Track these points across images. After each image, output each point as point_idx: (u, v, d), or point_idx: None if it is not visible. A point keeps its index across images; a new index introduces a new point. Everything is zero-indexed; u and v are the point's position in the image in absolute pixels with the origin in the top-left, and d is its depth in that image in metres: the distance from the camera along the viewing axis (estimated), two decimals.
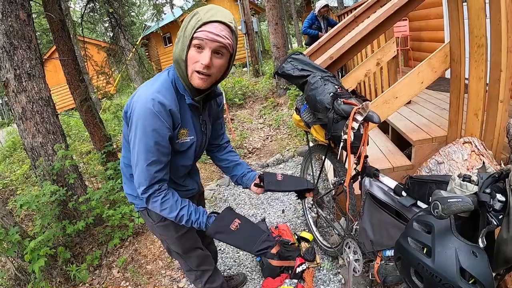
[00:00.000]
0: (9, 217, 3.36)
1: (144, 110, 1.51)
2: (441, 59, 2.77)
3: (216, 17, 1.45)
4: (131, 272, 3.37)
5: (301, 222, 3.60)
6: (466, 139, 2.54)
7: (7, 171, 7.83)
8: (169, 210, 1.68)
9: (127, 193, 2.01)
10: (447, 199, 1.14)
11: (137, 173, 1.62)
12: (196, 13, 1.48)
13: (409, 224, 1.40)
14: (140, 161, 1.59)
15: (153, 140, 1.55)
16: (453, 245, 1.21)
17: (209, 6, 1.50)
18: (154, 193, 1.65)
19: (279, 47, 8.48)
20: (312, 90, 2.19)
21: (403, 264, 1.37)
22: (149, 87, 1.59)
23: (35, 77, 3.65)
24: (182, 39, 1.50)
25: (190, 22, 1.47)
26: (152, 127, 1.53)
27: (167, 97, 1.56)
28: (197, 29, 1.44)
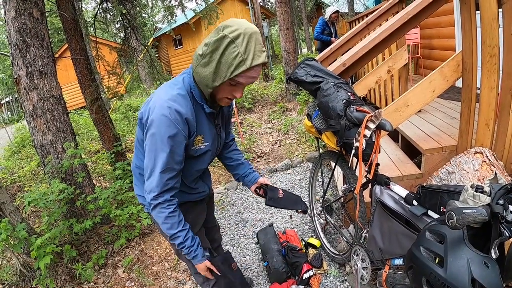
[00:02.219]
0: (17, 213, 3.38)
1: (160, 117, 1.52)
2: (453, 68, 2.76)
3: (260, 59, 1.47)
4: (136, 273, 3.37)
5: (309, 228, 3.59)
6: (477, 149, 2.53)
7: (15, 167, 7.88)
8: (169, 226, 1.69)
9: (137, 194, 2.01)
10: (462, 210, 1.13)
11: (149, 179, 1.63)
12: (235, 46, 1.43)
13: (421, 233, 1.39)
14: (153, 168, 1.60)
15: (168, 148, 1.57)
16: (465, 255, 1.20)
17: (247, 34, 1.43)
18: (164, 202, 1.66)
19: (289, 52, 8.49)
20: (325, 97, 2.19)
21: (415, 273, 1.37)
22: (165, 94, 1.58)
23: (47, 75, 3.68)
24: (215, 69, 1.49)
25: (228, 54, 1.44)
26: (167, 134, 1.54)
27: (183, 106, 1.57)
28: (240, 73, 1.47)
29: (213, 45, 1.46)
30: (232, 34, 1.42)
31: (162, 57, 23.94)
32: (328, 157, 2.84)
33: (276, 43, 22.88)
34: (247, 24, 1.46)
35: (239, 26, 1.44)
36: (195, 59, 1.56)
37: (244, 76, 1.49)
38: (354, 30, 4.10)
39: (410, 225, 1.78)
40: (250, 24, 1.48)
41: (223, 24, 1.47)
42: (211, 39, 1.47)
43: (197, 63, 1.54)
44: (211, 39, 1.46)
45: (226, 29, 1.44)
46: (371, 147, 1.94)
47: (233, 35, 1.42)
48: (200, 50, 1.52)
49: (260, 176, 2.23)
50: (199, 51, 1.53)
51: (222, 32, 1.44)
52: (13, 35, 3.47)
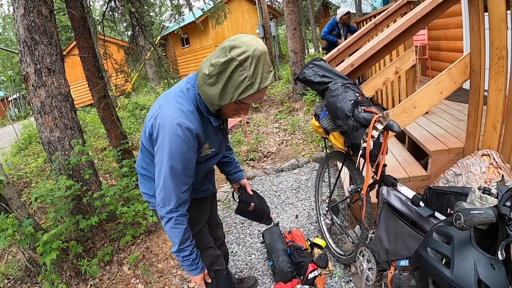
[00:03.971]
0: (23, 208, 3.41)
1: (171, 135, 1.54)
2: (461, 70, 2.74)
3: (267, 82, 1.48)
4: (141, 270, 3.39)
5: (315, 228, 3.59)
6: (484, 152, 2.52)
7: (22, 164, 7.94)
8: (181, 239, 1.72)
9: (142, 192, 2.04)
10: (470, 211, 1.13)
11: (163, 194, 1.65)
12: (242, 70, 1.42)
13: (428, 234, 1.39)
14: (166, 183, 1.62)
15: (181, 165, 1.60)
16: (472, 256, 1.20)
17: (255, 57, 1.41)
18: (179, 217, 1.69)
19: (296, 52, 8.48)
20: (333, 97, 2.19)
21: (421, 274, 1.37)
22: (174, 111, 1.57)
23: (55, 72, 3.70)
24: (221, 90, 1.48)
25: (235, 78, 1.44)
26: (179, 152, 1.56)
27: (193, 121, 1.58)
28: (247, 96, 1.48)
29: (220, 67, 1.43)
30: (240, 57, 1.40)
31: (169, 55, 24.00)
32: (335, 157, 2.84)
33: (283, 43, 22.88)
34: (256, 44, 1.43)
35: (248, 48, 1.40)
36: (201, 77, 1.54)
37: (251, 98, 1.50)
38: (362, 30, 4.08)
39: (417, 226, 1.78)
40: (259, 42, 1.45)
41: (231, 44, 1.43)
42: (218, 61, 1.43)
43: (202, 82, 1.53)
44: (218, 61, 1.43)
45: (233, 51, 1.41)
46: (379, 148, 1.94)
47: (241, 58, 1.40)
48: (206, 70, 1.49)
49: (244, 178, 2.38)
50: (205, 71, 1.50)
51: (230, 53, 1.41)
52: (22, 32, 3.49)
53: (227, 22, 16.16)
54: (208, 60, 1.51)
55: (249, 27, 19.02)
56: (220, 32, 18.03)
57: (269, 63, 1.49)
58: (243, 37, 1.45)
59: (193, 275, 1.85)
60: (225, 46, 1.43)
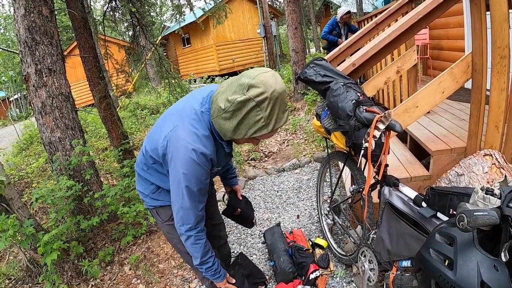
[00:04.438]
0: (24, 209, 3.40)
1: (186, 160, 1.57)
2: (463, 69, 2.73)
3: (282, 122, 1.51)
4: (143, 270, 3.38)
5: (316, 228, 3.58)
6: (486, 152, 2.50)
7: (23, 164, 7.94)
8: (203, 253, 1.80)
9: (139, 190, 2.10)
10: (473, 212, 1.12)
11: (182, 214, 1.71)
12: (259, 110, 1.43)
13: (431, 236, 1.38)
14: (185, 204, 1.67)
15: (196, 187, 1.65)
16: (475, 258, 1.19)
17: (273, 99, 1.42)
18: (199, 233, 1.77)
19: (298, 51, 8.45)
20: (334, 97, 2.18)
21: (424, 276, 1.36)
22: (189, 135, 1.59)
23: (56, 73, 3.70)
24: (235, 126, 1.50)
25: (250, 117, 1.45)
26: (195, 175, 1.61)
27: (208, 146, 1.61)
28: (260, 135, 1.52)
29: (237, 105, 1.43)
30: (257, 98, 1.40)
31: (170, 55, 23.99)
32: (337, 157, 2.83)
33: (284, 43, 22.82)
34: (274, 84, 1.42)
35: (266, 89, 1.40)
36: (216, 109, 1.54)
37: (263, 136, 1.54)
38: (363, 30, 4.07)
39: (419, 227, 1.77)
40: (278, 81, 1.44)
41: (250, 83, 1.41)
42: (235, 98, 1.43)
43: (217, 114, 1.53)
44: (235, 98, 1.42)
45: (252, 90, 1.40)
46: (380, 148, 1.93)
47: (259, 99, 1.40)
48: (222, 104, 1.48)
49: (236, 184, 2.51)
50: (221, 104, 1.49)
51: (248, 93, 1.40)
52: (23, 32, 3.49)
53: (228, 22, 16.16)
54: (224, 92, 1.50)
55: (250, 26, 19.00)
56: (221, 32, 18.01)
57: (285, 102, 1.50)
58: (262, 75, 1.43)
59: (218, 282, 1.94)
60: (244, 83, 1.42)
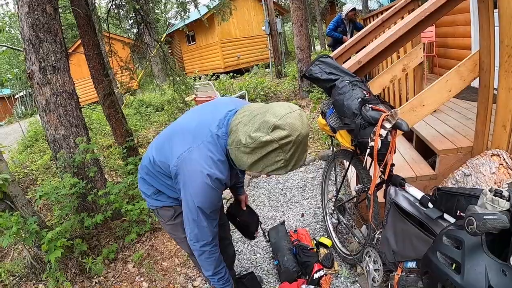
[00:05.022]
0: (28, 206, 3.40)
1: (202, 185, 1.58)
2: (470, 68, 2.69)
3: (300, 163, 1.51)
4: (146, 268, 3.37)
5: (320, 227, 3.56)
6: (494, 152, 2.47)
7: (28, 161, 7.96)
8: (216, 266, 1.85)
9: (141, 190, 2.08)
10: (483, 216, 1.09)
11: (197, 231, 1.74)
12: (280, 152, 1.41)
13: (438, 238, 1.35)
14: (200, 224, 1.70)
15: (210, 209, 1.68)
16: (483, 262, 1.16)
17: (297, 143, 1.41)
18: (213, 247, 1.81)
19: (303, 49, 8.41)
20: (340, 95, 2.15)
21: (430, 279, 1.33)
22: (205, 160, 1.58)
23: (60, 70, 3.69)
24: (253, 162, 1.49)
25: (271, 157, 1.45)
26: (210, 199, 1.64)
27: (223, 171, 1.62)
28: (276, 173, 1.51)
29: (258, 144, 1.40)
30: (282, 141, 1.38)
31: (175, 53, 23.98)
32: (342, 156, 2.80)
33: (290, 40, 22.75)
34: (300, 128, 1.39)
35: (292, 132, 1.37)
36: (235, 139, 1.51)
37: (278, 174, 1.54)
38: (369, 27, 4.03)
39: (425, 228, 1.74)
40: (304, 124, 1.42)
41: (276, 123, 1.37)
42: (257, 136, 1.40)
43: (235, 145, 1.51)
44: (258, 137, 1.39)
45: (276, 132, 1.37)
46: (387, 147, 1.90)
47: (283, 142, 1.38)
48: (243, 138, 1.45)
49: (242, 194, 2.47)
50: (242, 138, 1.46)
51: (272, 134, 1.37)
52: (26, 30, 3.48)
53: (233, 19, 16.12)
54: (246, 125, 1.47)
55: (255, 24, 18.94)
56: (226, 29, 17.96)
57: (307, 144, 1.50)
58: (290, 116, 1.39)
59: None
60: (269, 121, 1.39)
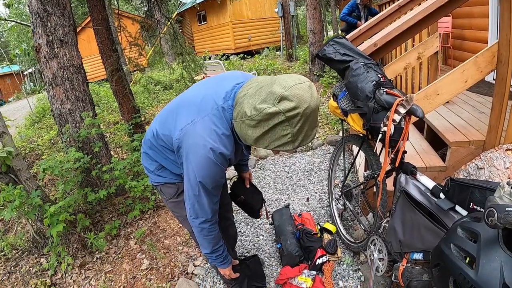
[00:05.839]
0: (32, 180, 3.39)
1: (204, 159, 1.53)
2: (488, 59, 2.60)
3: (308, 140, 1.43)
4: (148, 245, 3.37)
5: (325, 212, 3.52)
6: (509, 146, 2.39)
7: (34, 136, 7.99)
8: (214, 243, 1.84)
9: (144, 165, 2.06)
10: (505, 208, 1.03)
11: (197, 207, 1.70)
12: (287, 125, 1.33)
13: (452, 230, 1.29)
14: (201, 200, 1.67)
15: (212, 185, 1.64)
16: (499, 258, 1.10)
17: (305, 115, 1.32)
18: (213, 224, 1.77)
19: (315, 32, 8.27)
20: (354, 77, 2.07)
21: (442, 272, 1.27)
22: (209, 133, 1.53)
23: (68, 44, 3.66)
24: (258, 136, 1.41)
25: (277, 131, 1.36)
26: (212, 174, 1.59)
27: (228, 146, 1.57)
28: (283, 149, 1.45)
29: (264, 116, 1.32)
30: (289, 114, 1.29)
31: (185, 32, 23.75)
32: (352, 140, 2.73)
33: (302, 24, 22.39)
34: (309, 100, 1.30)
35: (299, 104, 1.29)
36: (240, 112, 1.44)
37: (285, 150, 1.46)
38: (385, 12, 3.91)
39: (435, 219, 1.68)
40: (313, 96, 1.33)
41: (282, 94, 1.29)
42: (263, 108, 1.32)
43: (240, 118, 1.43)
44: (263, 109, 1.31)
45: (283, 103, 1.29)
46: (399, 133, 1.83)
47: (290, 114, 1.30)
48: (248, 110, 1.38)
49: (246, 171, 2.45)
50: (247, 110, 1.38)
51: (278, 105, 1.29)
52: (34, 3, 3.44)
53: None
54: (252, 96, 1.39)
55: (268, 5, 18.63)
56: (238, 10, 17.71)
57: (316, 120, 1.40)
58: (298, 87, 1.31)
59: (224, 268, 1.96)
60: (276, 92, 1.31)
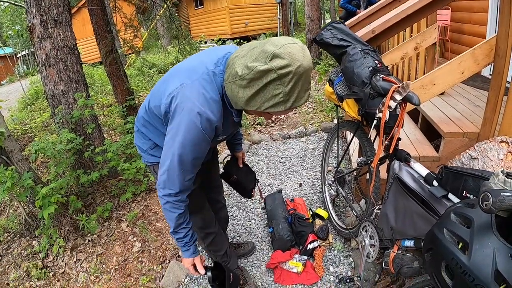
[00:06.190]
0: (24, 162, 3.36)
1: (188, 123, 1.45)
2: (486, 52, 2.59)
3: (301, 101, 1.38)
4: (140, 228, 3.36)
5: (318, 198, 3.53)
6: (503, 138, 2.40)
7: (27, 119, 7.92)
8: (175, 223, 1.69)
9: (137, 144, 1.99)
10: (500, 192, 1.02)
11: (166, 177, 1.58)
12: (279, 84, 1.29)
13: (445, 215, 1.29)
14: (173, 169, 1.56)
15: (192, 156, 1.54)
16: (492, 244, 1.10)
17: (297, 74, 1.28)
18: (177, 202, 1.64)
19: (313, 19, 8.22)
20: (351, 62, 2.06)
21: (434, 257, 1.27)
22: (197, 96, 1.46)
23: (62, 24, 3.60)
24: (250, 97, 1.37)
25: (268, 90, 1.32)
26: (193, 142, 1.50)
27: (215, 112, 1.49)
28: (274, 111, 1.38)
29: (255, 74, 1.29)
30: (280, 71, 1.26)
31: (182, 16, 23.40)
32: (346, 127, 2.72)
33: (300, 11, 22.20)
34: (302, 59, 1.27)
35: (292, 62, 1.25)
36: (231, 73, 1.40)
37: (278, 112, 1.40)
38: (384, 1, 3.89)
39: (427, 206, 1.68)
40: (306, 56, 1.30)
41: (274, 52, 1.26)
42: (255, 66, 1.28)
43: (232, 79, 1.39)
44: (255, 66, 1.28)
45: (275, 61, 1.25)
46: (395, 120, 1.82)
47: (282, 72, 1.26)
48: (240, 70, 1.34)
49: (240, 151, 2.41)
50: (238, 70, 1.35)
51: (270, 63, 1.26)
52: None
53: None
54: (244, 57, 1.36)
55: None
56: None
57: (309, 81, 1.36)
58: (290, 46, 1.28)
59: (184, 257, 1.83)
60: (268, 50, 1.28)
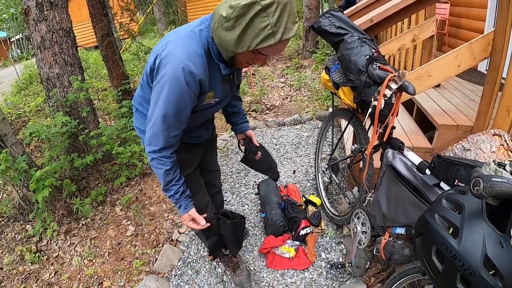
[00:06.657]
0: (18, 145, 3.35)
1: (172, 77, 1.44)
2: (482, 47, 2.61)
3: (291, 33, 1.35)
4: (133, 212, 3.38)
5: (311, 185, 3.56)
6: (496, 131, 2.42)
7: (21, 103, 7.86)
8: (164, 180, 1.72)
9: (136, 126, 2.00)
10: (491, 178, 1.04)
11: (151, 133, 1.60)
12: (265, 16, 1.27)
13: (437, 200, 1.31)
14: (157, 124, 1.56)
15: (175, 108, 1.53)
16: (482, 230, 1.13)
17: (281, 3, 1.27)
18: (162, 158, 1.66)
19: (311, 8, 8.17)
20: (348, 50, 2.07)
21: (425, 241, 1.30)
22: (181, 51, 1.45)
23: (57, 7, 3.57)
24: (238, 36, 1.35)
25: (256, 24, 1.30)
26: (176, 95, 1.48)
27: (198, 66, 1.47)
28: (266, 46, 1.35)
29: (240, 10, 1.28)
30: (264, 2, 1.25)
31: (178, 1, 23.18)
32: (341, 114, 2.74)
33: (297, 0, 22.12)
34: None
35: (283, 6, 1.27)
36: (217, 19, 1.40)
37: (270, 49, 1.38)
38: None
39: (419, 194, 1.71)
40: None
41: None
42: (238, 3, 1.28)
43: (219, 25, 1.39)
44: (239, 3, 1.27)
45: None
46: (389, 108, 1.83)
47: (265, 3, 1.25)
48: (224, 12, 1.34)
49: (249, 129, 2.33)
50: (223, 12, 1.34)
51: None
52: None
53: None
54: (227, 1, 1.35)
55: None
56: None
57: (295, 13, 1.35)
58: None
59: (180, 213, 1.86)
60: None
